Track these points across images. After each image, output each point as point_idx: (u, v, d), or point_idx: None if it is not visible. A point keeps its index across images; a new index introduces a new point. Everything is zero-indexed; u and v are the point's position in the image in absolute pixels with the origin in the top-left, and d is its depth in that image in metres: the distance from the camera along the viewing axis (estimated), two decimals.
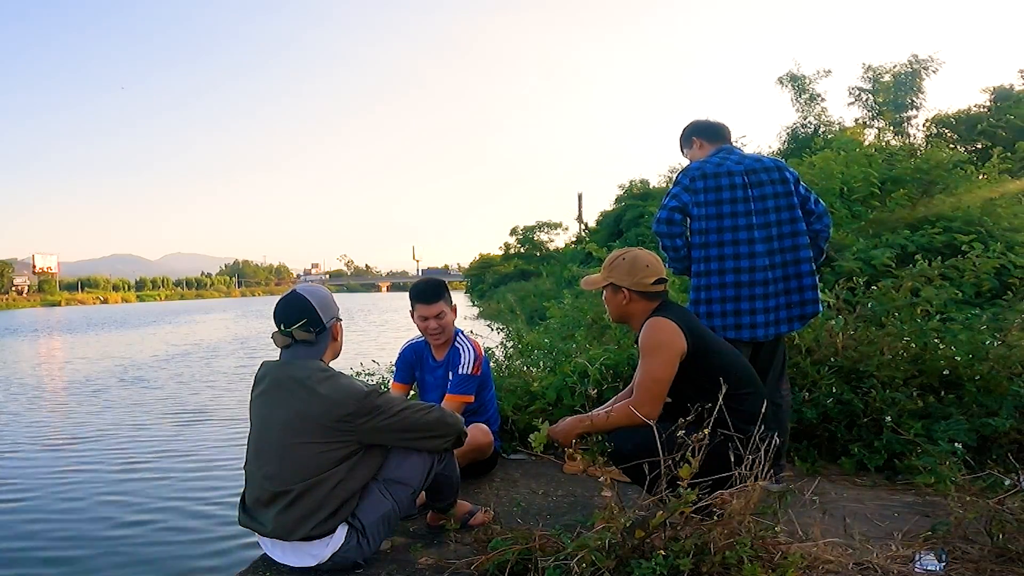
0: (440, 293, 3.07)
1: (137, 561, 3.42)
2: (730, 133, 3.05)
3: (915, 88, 17.29)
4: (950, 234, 6.06)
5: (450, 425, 2.24)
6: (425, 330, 3.08)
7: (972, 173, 9.22)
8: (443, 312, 3.03)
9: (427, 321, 3.04)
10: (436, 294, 3.05)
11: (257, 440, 2.16)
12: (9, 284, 78.06)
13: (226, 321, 30.92)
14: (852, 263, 5.58)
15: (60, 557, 3.51)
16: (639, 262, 2.38)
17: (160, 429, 6.83)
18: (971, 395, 3.34)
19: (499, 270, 47.11)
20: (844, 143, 10.45)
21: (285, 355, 2.17)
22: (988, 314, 4.23)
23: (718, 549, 1.75)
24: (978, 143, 15.31)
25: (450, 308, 3.07)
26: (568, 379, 3.76)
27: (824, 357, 3.59)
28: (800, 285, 2.84)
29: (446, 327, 3.06)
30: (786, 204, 2.83)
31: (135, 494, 4.52)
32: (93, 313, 46.86)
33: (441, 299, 3.05)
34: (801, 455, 3.28)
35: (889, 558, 1.99)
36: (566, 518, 2.51)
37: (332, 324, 2.20)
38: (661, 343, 2.24)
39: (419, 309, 3.05)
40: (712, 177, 2.82)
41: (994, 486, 2.50)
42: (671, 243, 2.88)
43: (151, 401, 8.62)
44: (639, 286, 2.36)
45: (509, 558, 1.94)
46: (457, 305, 3.18)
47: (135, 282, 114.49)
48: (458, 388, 3.00)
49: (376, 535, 2.16)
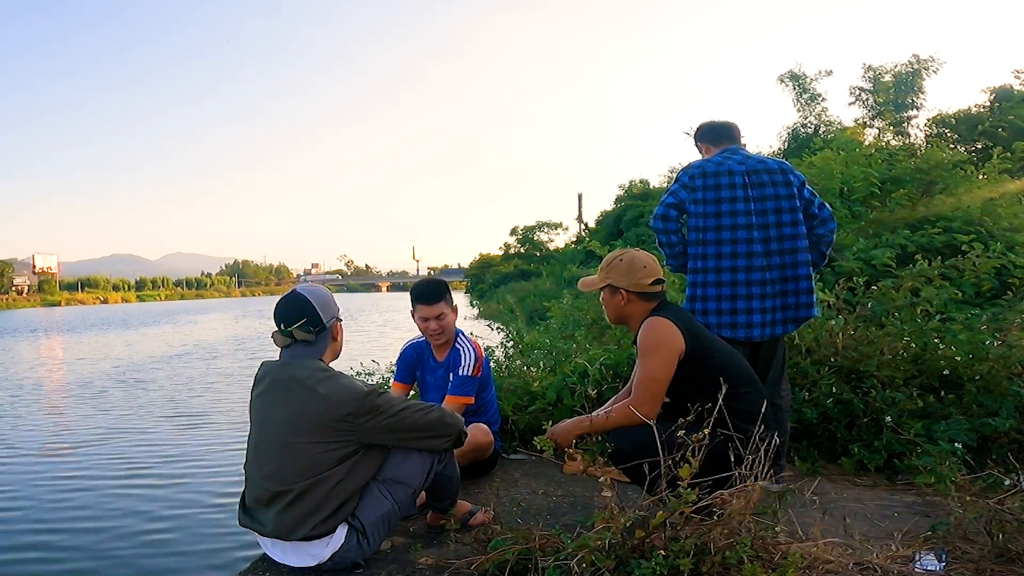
0: (441, 294, 3.06)
1: (137, 561, 3.42)
2: (738, 133, 3.03)
3: (916, 88, 17.29)
4: (950, 234, 6.06)
5: (450, 425, 2.24)
6: (425, 330, 3.08)
7: (972, 173, 9.22)
8: (443, 313, 3.03)
9: (427, 322, 3.03)
10: (437, 295, 3.04)
11: (257, 440, 2.16)
12: (9, 284, 78.04)
13: (226, 321, 30.92)
14: (852, 263, 5.58)
15: (60, 557, 3.51)
16: (636, 263, 2.38)
17: (160, 430, 6.83)
18: (971, 395, 3.34)
19: (499, 270, 47.07)
20: (844, 143, 10.45)
21: (285, 355, 2.17)
22: (988, 314, 4.23)
23: (718, 549, 1.75)
24: (978, 143, 15.31)
25: (451, 309, 3.07)
26: (568, 379, 3.76)
27: (824, 357, 3.59)
28: (796, 288, 2.84)
29: (446, 328, 3.06)
30: (787, 207, 2.83)
31: (135, 495, 4.52)
32: (93, 313, 46.84)
33: (442, 300, 3.04)
34: (801, 455, 3.28)
35: (889, 558, 1.99)
36: (566, 518, 2.50)
37: (332, 324, 2.19)
38: (660, 343, 2.24)
39: (420, 310, 3.04)
40: (712, 176, 2.82)
41: (994, 486, 2.50)
42: (666, 239, 2.90)
43: (151, 402, 8.62)
44: (637, 287, 2.36)
45: (509, 558, 1.94)
46: (458, 305, 3.17)
47: (135, 282, 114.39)
48: (458, 389, 2.99)
49: (376, 535, 2.16)
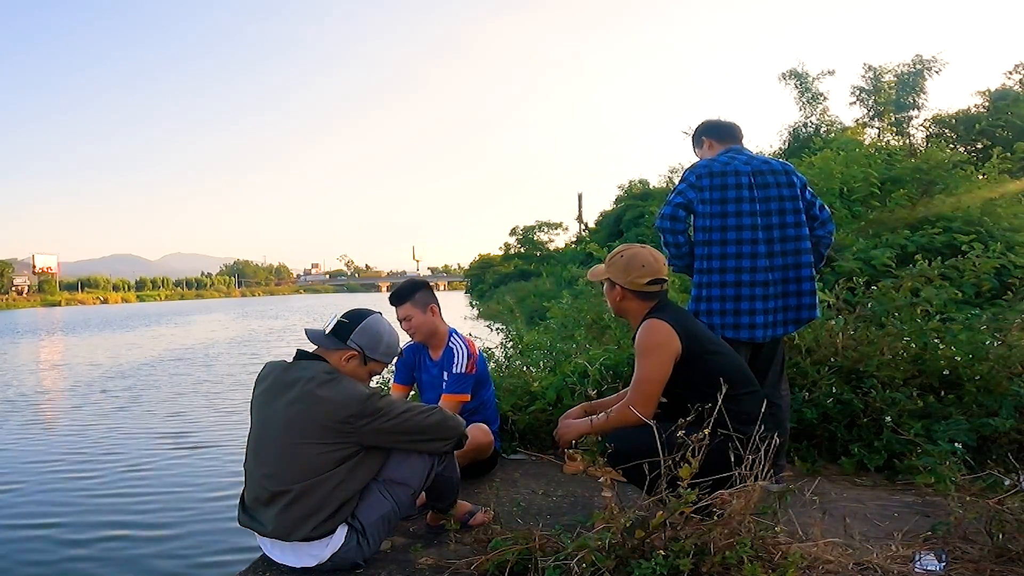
0: (405, 296, 3.07)
1: (137, 561, 3.43)
2: (741, 133, 3.03)
3: (918, 88, 17.28)
4: (950, 234, 6.06)
5: (452, 428, 2.24)
6: (404, 332, 3.10)
7: (972, 173, 9.22)
8: (409, 315, 3.05)
9: (401, 323, 3.06)
10: (400, 297, 3.08)
11: (257, 439, 2.16)
12: (9, 284, 78.03)
13: (226, 321, 30.91)
14: (852, 263, 5.59)
15: (60, 557, 3.51)
16: (635, 261, 2.38)
17: (160, 430, 6.83)
18: (971, 395, 3.33)
19: (499, 270, 47.09)
20: (844, 143, 10.46)
21: (300, 355, 2.20)
22: (988, 314, 4.23)
23: (718, 549, 1.75)
24: (978, 143, 15.31)
25: (421, 309, 3.06)
26: (568, 379, 3.76)
27: (824, 357, 3.59)
28: (799, 289, 2.83)
29: (417, 328, 3.08)
30: (791, 208, 2.82)
31: (135, 496, 4.53)
32: (93, 313, 46.86)
33: (407, 301, 3.06)
34: (801, 455, 3.28)
35: (889, 558, 1.99)
36: (566, 518, 2.50)
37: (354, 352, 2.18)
38: (656, 344, 2.25)
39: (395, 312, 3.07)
40: (719, 176, 2.81)
41: (994, 486, 2.50)
42: (673, 239, 2.87)
43: (151, 402, 8.62)
44: (633, 285, 2.37)
45: (509, 558, 1.94)
46: (437, 306, 3.12)
47: (135, 282, 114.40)
48: (453, 387, 3.01)
49: (376, 535, 2.16)
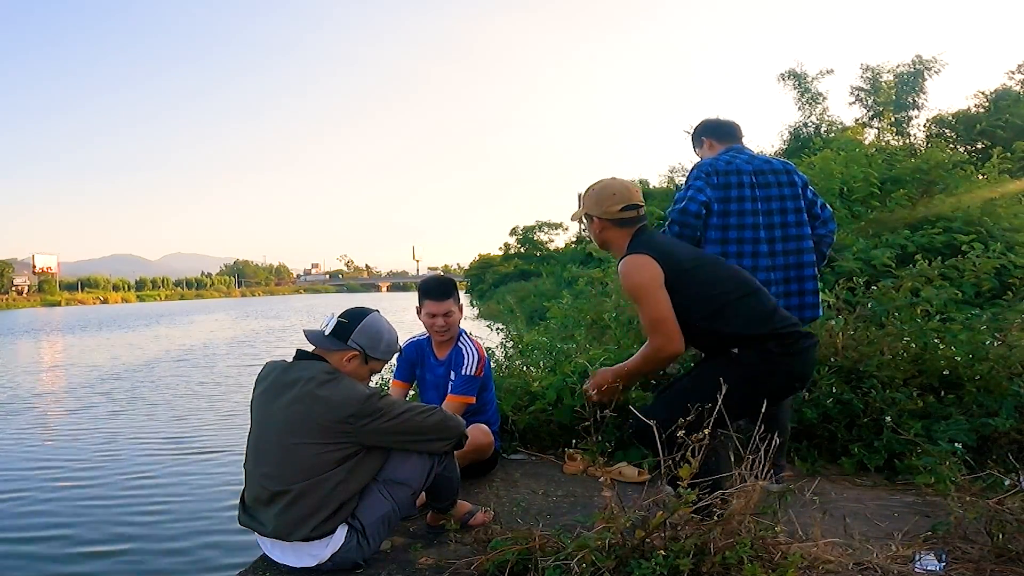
0: (450, 291, 3.09)
1: (137, 561, 3.42)
2: (742, 132, 3.02)
3: (918, 88, 17.29)
4: (950, 234, 6.07)
5: (451, 428, 2.24)
6: (431, 327, 3.09)
7: (972, 173, 9.23)
8: (451, 311, 3.05)
9: (434, 318, 3.05)
10: (446, 292, 3.07)
11: (257, 439, 2.16)
12: (9, 284, 78.03)
13: (226, 321, 30.90)
14: (852, 263, 5.59)
15: (60, 557, 3.51)
16: (606, 191, 2.39)
17: (160, 430, 6.83)
18: (971, 395, 3.33)
19: (499, 270, 47.04)
20: (844, 143, 10.46)
21: (300, 355, 2.20)
22: (988, 314, 4.23)
23: (718, 549, 1.75)
24: (978, 143, 15.32)
25: (458, 308, 3.09)
26: (568, 379, 3.76)
27: (824, 357, 3.58)
28: (801, 288, 2.83)
29: (452, 326, 3.08)
30: (793, 207, 2.82)
31: (135, 496, 4.53)
32: (93, 313, 46.85)
33: (451, 297, 3.07)
34: (801, 455, 3.28)
35: (889, 558, 1.98)
36: (566, 518, 2.50)
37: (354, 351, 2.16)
38: (641, 283, 2.22)
39: (427, 306, 3.05)
40: (722, 175, 2.80)
41: (994, 486, 2.50)
42: (691, 234, 2.79)
43: (151, 402, 8.62)
44: (608, 214, 2.37)
45: (509, 558, 1.94)
46: (463, 306, 3.18)
47: (135, 282, 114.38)
48: (460, 389, 3.00)
49: (376, 535, 2.16)
